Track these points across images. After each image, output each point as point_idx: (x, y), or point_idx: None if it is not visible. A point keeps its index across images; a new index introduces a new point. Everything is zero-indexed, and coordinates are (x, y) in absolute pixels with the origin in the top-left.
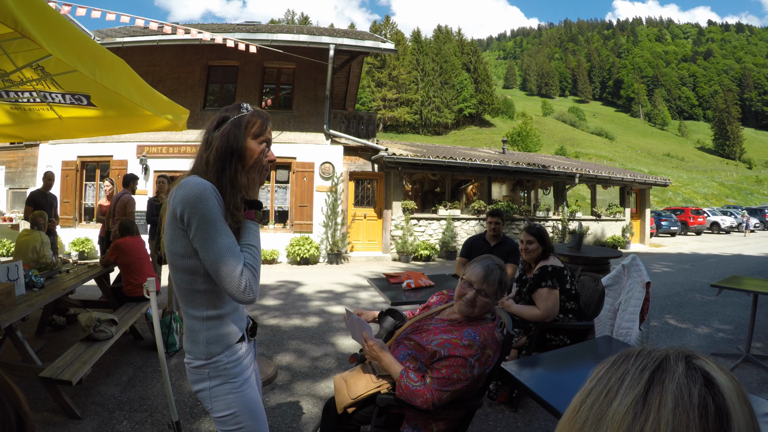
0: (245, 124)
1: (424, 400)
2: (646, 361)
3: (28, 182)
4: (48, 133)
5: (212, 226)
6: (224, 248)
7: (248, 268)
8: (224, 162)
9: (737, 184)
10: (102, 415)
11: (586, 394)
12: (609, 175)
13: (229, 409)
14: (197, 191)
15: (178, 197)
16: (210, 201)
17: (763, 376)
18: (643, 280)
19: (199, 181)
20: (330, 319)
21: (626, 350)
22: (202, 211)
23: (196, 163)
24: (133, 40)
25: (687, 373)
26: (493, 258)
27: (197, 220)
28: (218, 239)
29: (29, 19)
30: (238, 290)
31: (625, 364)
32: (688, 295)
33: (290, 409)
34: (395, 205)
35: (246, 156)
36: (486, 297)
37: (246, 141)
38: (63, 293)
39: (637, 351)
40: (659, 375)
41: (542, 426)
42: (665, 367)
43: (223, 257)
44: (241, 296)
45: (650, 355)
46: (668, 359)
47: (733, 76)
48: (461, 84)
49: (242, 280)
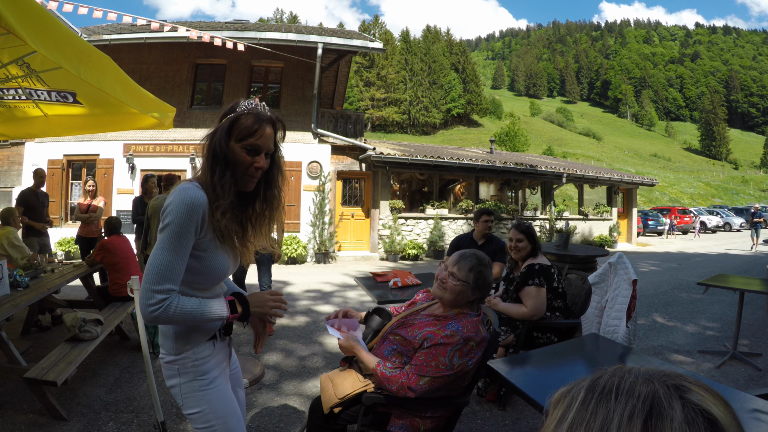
0: (229, 126)
1: (400, 385)
2: (632, 402)
3: (14, 181)
4: (34, 131)
5: (173, 238)
6: (163, 264)
7: (171, 309)
8: (213, 166)
9: (723, 185)
10: (88, 416)
11: None
12: (596, 175)
13: (198, 407)
14: (187, 200)
15: (171, 196)
16: (190, 215)
17: (750, 372)
18: (630, 278)
19: (195, 193)
20: (318, 318)
21: (595, 382)
22: (177, 219)
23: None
24: (120, 37)
25: (686, 418)
26: (477, 252)
27: (168, 221)
28: (167, 253)
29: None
30: (144, 305)
31: (603, 407)
32: (675, 293)
33: (277, 408)
34: (383, 205)
35: (233, 161)
36: (456, 281)
37: (229, 145)
38: (48, 293)
39: (613, 385)
40: (654, 423)
41: (530, 424)
42: (659, 413)
43: (156, 269)
44: (145, 312)
45: (633, 394)
46: (659, 399)
47: (719, 77)
48: (449, 84)
49: (155, 305)
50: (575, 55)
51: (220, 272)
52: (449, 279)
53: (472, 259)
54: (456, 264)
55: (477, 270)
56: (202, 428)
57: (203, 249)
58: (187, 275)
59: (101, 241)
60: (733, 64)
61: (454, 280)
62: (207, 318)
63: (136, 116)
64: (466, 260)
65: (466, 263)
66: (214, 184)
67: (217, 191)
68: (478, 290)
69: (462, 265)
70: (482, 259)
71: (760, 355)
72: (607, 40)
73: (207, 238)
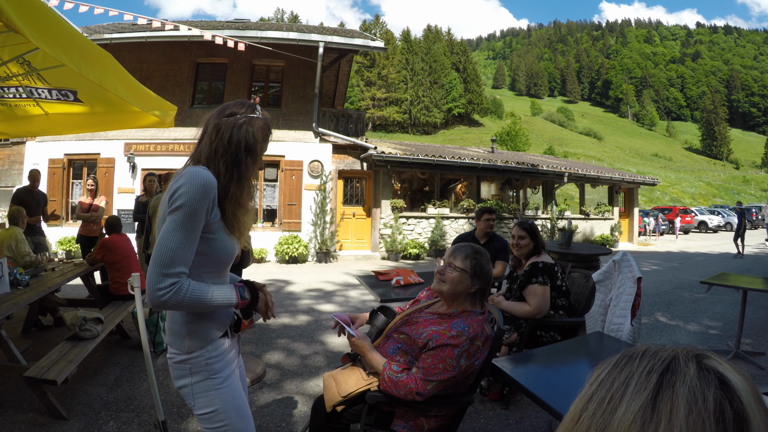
0: (259, 127)
1: (408, 390)
2: (653, 362)
3: (15, 180)
4: (34, 129)
5: (186, 219)
6: (175, 246)
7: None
8: (238, 156)
9: (724, 184)
10: (88, 415)
11: (587, 400)
12: (597, 175)
13: (211, 406)
14: (200, 181)
15: (182, 179)
16: (204, 197)
17: (753, 371)
18: (634, 276)
19: (207, 175)
20: (319, 317)
21: (629, 350)
22: (190, 201)
23: (200, 149)
24: (121, 36)
25: (699, 375)
26: (471, 244)
27: (181, 203)
28: (179, 235)
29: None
30: (153, 289)
31: (629, 366)
32: (677, 292)
33: (279, 407)
34: (384, 204)
35: (256, 157)
36: (454, 271)
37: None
38: (48, 291)
39: (641, 351)
40: (669, 378)
41: (534, 423)
42: (675, 369)
43: (167, 251)
44: (153, 296)
45: (656, 356)
46: (677, 360)
47: (720, 77)
48: (450, 84)
49: (165, 289)
50: (576, 55)
51: (229, 254)
52: (447, 270)
53: (467, 248)
54: (452, 255)
55: (473, 257)
56: (214, 428)
57: (212, 231)
58: (198, 258)
59: (102, 239)
60: (734, 63)
61: (452, 269)
62: (216, 303)
63: (137, 114)
64: (462, 250)
65: (461, 252)
66: (244, 173)
67: (234, 179)
68: (477, 279)
69: (458, 255)
70: (477, 248)
71: (763, 354)
72: (608, 39)
73: (216, 220)
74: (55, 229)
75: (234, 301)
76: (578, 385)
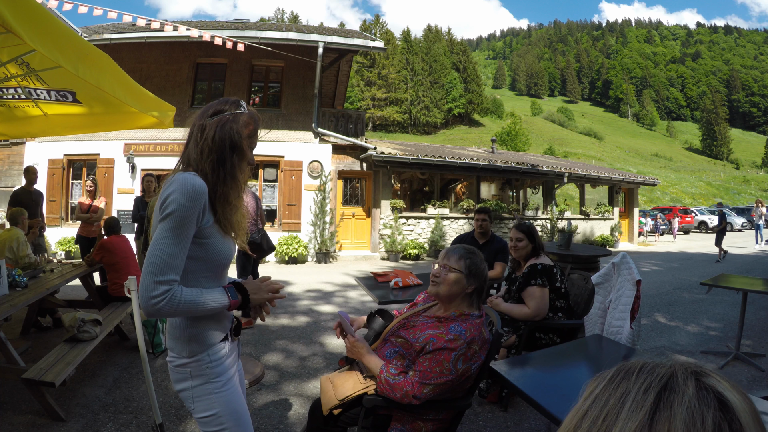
0: (243, 123)
1: (404, 393)
2: (650, 379)
3: (14, 181)
4: (33, 130)
5: (176, 227)
6: (166, 253)
7: (175, 299)
8: (223, 154)
9: (725, 184)
10: (86, 417)
11: (581, 416)
12: (597, 175)
13: (211, 410)
14: (190, 188)
15: (172, 186)
16: (194, 203)
17: (753, 373)
18: (634, 278)
19: (197, 181)
20: (318, 318)
21: (625, 364)
22: (180, 208)
23: (188, 152)
24: (121, 36)
25: (698, 394)
26: (463, 245)
27: (171, 210)
28: (169, 242)
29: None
30: (147, 298)
31: (625, 382)
32: (677, 293)
33: (277, 409)
34: (384, 204)
35: (240, 153)
36: (450, 272)
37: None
38: (47, 293)
39: (638, 366)
40: (666, 397)
41: (532, 426)
42: (672, 388)
43: (158, 258)
44: (147, 304)
45: (654, 372)
46: (675, 377)
47: (721, 77)
48: (450, 84)
49: (159, 297)
50: (576, 55)
51: (225, 256)
52: (442, 271)
53: (460, 249)
54: (446, 257)
55: (467, 257)
56: (213, 431)
57: (206, 236)
58: (195, 264)
59: (100, 240)
60: (734, 63)
61: (447, 270)
62: (209, 307)
63: (135, 115)
64: (455, 251)
65: (455, 253)
66: (230, 172)
67: (220, 179)
68: (473, 278)
69: (452, 256)
70: (470, 248)
71: (763, 356)
72: (608, 39)
73: (209, 224)
74: (54, 229)
75: (226, 303)
76: (577, 389)
